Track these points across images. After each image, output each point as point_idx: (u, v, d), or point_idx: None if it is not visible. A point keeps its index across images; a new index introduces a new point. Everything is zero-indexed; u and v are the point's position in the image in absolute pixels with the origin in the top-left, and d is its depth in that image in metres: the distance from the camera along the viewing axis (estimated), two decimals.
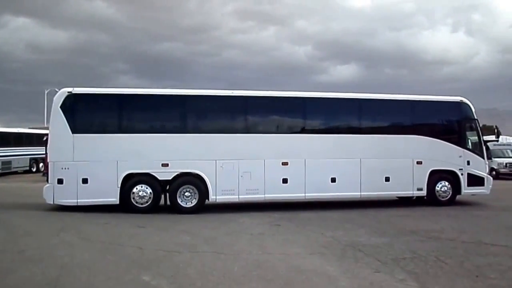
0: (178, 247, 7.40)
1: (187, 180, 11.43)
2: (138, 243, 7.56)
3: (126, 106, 11.66)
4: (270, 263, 6.49)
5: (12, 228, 9.03)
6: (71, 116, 11.06)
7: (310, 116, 12.64)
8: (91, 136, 11.17)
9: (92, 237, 8.16)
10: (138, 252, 6.97)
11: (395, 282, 5.64)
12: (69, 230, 8.73)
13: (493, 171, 24.97)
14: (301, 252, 7.22)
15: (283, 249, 7.42)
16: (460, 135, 13.23)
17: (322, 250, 7.38)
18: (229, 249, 7.33)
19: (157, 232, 8.78)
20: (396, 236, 8.68)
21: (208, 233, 8.79)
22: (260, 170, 11.68)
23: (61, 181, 10.89)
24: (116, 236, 8.27)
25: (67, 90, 11.14)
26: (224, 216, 10.97)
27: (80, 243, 7.59)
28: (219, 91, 12.07)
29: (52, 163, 10.99)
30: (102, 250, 7.08)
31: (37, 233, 8.56)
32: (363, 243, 7.91)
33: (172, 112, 11.97)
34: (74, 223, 9.56)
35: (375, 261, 6.63)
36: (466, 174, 12.99)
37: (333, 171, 12.14)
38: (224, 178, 11.47)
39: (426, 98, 13.55)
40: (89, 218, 10.22)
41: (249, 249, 7.35)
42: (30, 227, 9.27)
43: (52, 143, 11.18)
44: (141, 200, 11.18)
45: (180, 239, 8.06)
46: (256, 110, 12.25)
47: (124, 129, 11.45)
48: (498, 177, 24.57)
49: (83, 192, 10.92)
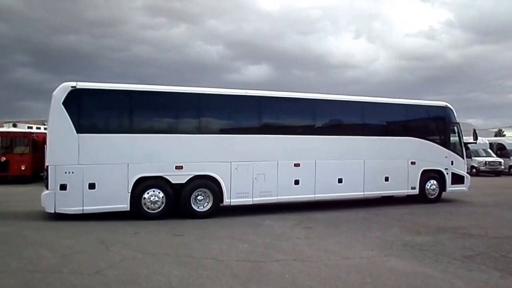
0: (251, 256, 6.95)
1: (202, 183, 10.79)
2: (205, 254, 6.96)
3: (138, 104, 10.66)
4: (363, 267, 6.38)
5: (45, 244, 7.62)
6: (76, 114, 9.83)
7: (320, 117, 12.69)
8: (98, 136, 10.04)
9: (146, 249, 7.30)
10: (222, 264, 6.40)
11: (499, 279, 5.87)
12: (111, 243, 7.68)
13: (474, 168, 28.13)
14: (375, 254, 7.20)
15: (352, 252, 7.32)
16: (445, 137, 14.25)
17: (390, 251, 7.44)
18: (302, 255, 7.07)
19: (203, 241, 8.14)
20: (432, 234, 9.05)
21: (255, 239, 8.37)
22: (274, 172, 11.47)
23: (65, 187, 9.64)
24: (170, 247, 7.48)
25: (70, 84, 9.87)
26: (243, 220, 10.54)
27: (146, 258, 6.71)
28: (235, 90, 11.54)
29: (53, 167, 9.65)
30: (184, 265, 6.31)
31: (80, 248, 7.38)
32: (416, 242, 8.14)
33: (186, 111, 11.17)
34: (103, 234, 8.47)
35: (452, 260, 6.87)
36: (450, 173, 14.03)
37: (340, 172, 12.34)
38: (238, 180, 11.06)
39: (417, 102, 14.36)
40: (108, 227, 9.19)
41: (319, 254, 7.14)
42: (62, 241, 7.92)
43: (52, 144, 9.84)
44: (153, 206, 10.33)
45: (239, 247, 7.57)
46: (271, 110, 11.96)
47: (135, 129, 10.47)
48: (478, 174, 27.68)
49: (90, 199, 9.79)
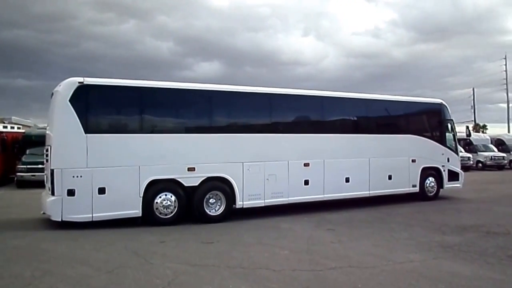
0: (302, 264, 6.59)
1: (214, 185, 10.28)
2: (254, 264, 6.52)
3: (150, 102, 9.91)
4: (425, 272, 6.19)
5: (77, 260, 6.75)
6: (84, 112, 9.00)
7: (329, 115, 12.46)
8: (108, 136, 9.27)
9: (189, 260, 6.70)
10: (281, 275, 5.99)
11: None
12: (145, 254, 7.03)
13: (480, 163, 29.73)
14: (424, 257, 7.05)
15: (399, 256, 7.12)
16: (441, 134, 14.46)
17: (434, 253, 7.33)
18: (353, 261, 6.78)
19: (239, 248, 7.64)
20: (457, 233, 9.07)
21: (288, 244, 8.01)
22: (285, 172, 11.15)
23: (73, 192, 8.82)
24: (213, 257, 6.92)
25: (76, 80, 9.02)
26: (257, 223, 10.13)
27: (199, 271, 6.15)
28: (249, 88, 11.06)
29: (60, 171, 8.78)
30: (245, 278, 5.85)
31: (118, 262, 6.64)
32: (450, 243, 8.11)
33: (200, 109, 10.55)
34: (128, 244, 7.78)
35: (501, 260, 6.89)
36: (447, 170, 14.29)
37: (347, 171, 12.21)
38: (250, 181, 10.64)
39: (416, 99, 14.47)
40: (126, 236, 8.51)
41: (369, 259, 6.89)
42: (92, 254, 7.13)
43: (58, 146, 8.96)
44: (165, 211, 9.71)
45: (281, 255, 7.18)
46: (283, 108, 11.56)
47: (147, 129, 9.77)
48: (483, 169, 29.15)
49: (100, 205, 9.03)
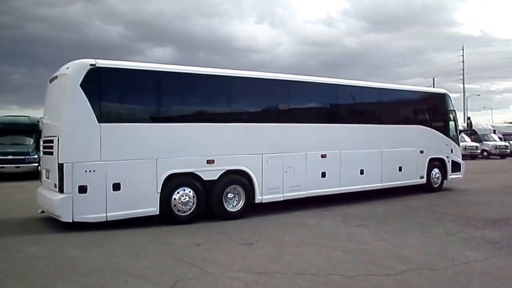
0: (365, 267, 6.04)
1: (234, 179, 9.54)
2: (318, 270, 5.90)
3: (169, 88, 8.93)
4: (502, 274, 5.83)
5: (121, 271, 5.80)
6: (98, 99, 7.92)
7: (344, 104, 11.91)
8: (124, 126, 8.25)
9: (244, 267, 5.98)
10: (354, 280, 5.41)
11: None
12: (192, 261, 6.22)
13: (485, 151, 32.36)
14: (485, 256, 6.67)
15: (458, 255, 6.70)
16: (445, 124, 14.34)
17: (487, 251, 7.02)
18: (416, 261, 6.32)
19: (288, 249, 6.94)
20: (490, 227, 8.83)
21: (331, 243, 7.44)
22: (303, 164, 10.57)
23: (84, 189, 7.78)
24: (269, 263, 6.24)
25: (88, 62, 7.91)
26: (279, 219, 9.49)
27: (260, 279, 5.47)
28: (267, 74, 10.30)
29: (70, 165, 7.69)
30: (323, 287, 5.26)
31: (172, 272, 5.74)
32: (492, 238, 7.84)
33: (221, 96, 9.67)
34: (163, 249, 6.92)
35: None
36: (450, 161, 14.23)
37: (362, 163, 11.81)
38: (269, 174, 9.99)
39: (421, 89, 14.26)
40: (148, 238, 7.65)
41: (430, 260, 6.43)
42: (133, 263, 6.16)
43: (68, 137, 7.84)
44: (184, 208, 8.87)
45: (337, 257, 6.58)
46: (302, 96, 10.91)
47: (166, 117, 8.83)
48: (488, 157, 31.76)
49: (115, 203, 8.05)
